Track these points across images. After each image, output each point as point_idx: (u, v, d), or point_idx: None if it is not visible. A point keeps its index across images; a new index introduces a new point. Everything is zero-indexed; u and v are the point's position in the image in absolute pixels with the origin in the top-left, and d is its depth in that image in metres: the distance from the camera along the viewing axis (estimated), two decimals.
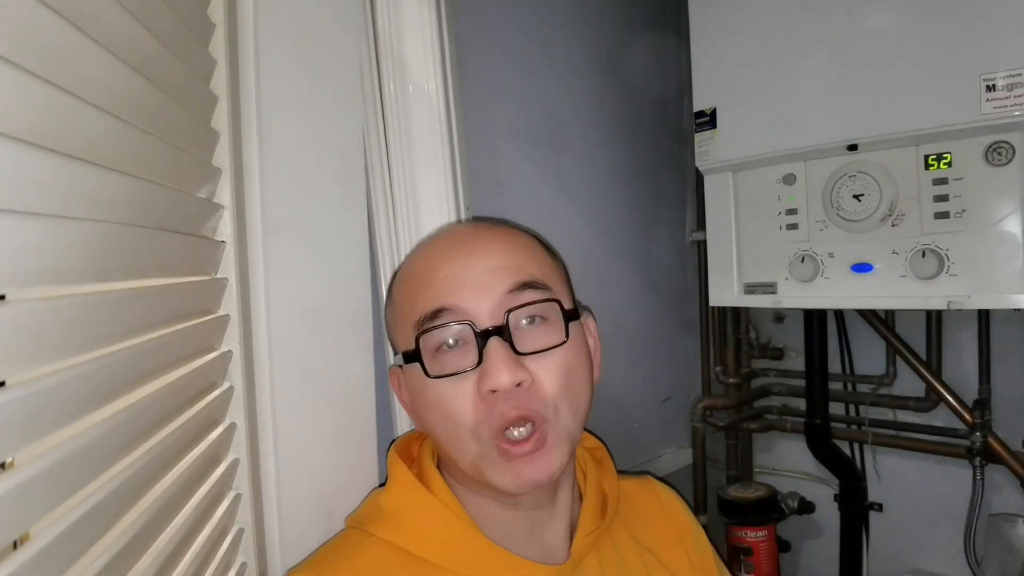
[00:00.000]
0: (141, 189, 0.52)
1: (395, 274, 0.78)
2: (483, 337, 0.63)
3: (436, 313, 0.64)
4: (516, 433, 0.62)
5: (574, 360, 0.66)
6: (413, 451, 0.76)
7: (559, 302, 0.67)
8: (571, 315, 0.67)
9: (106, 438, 0.47)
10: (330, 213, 0.79)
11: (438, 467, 0.72)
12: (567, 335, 0.66)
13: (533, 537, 0.70)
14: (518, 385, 0.62)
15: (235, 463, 0.68)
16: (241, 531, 0.69)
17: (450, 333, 0.64)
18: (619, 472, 0.82)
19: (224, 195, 0.68)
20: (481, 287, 0.64)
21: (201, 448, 0.62)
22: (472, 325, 0.63)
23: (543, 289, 0.66)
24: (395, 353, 0.75)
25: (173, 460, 0.57)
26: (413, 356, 0.65)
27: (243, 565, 0.69)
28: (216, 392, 0.66)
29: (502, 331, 0.63)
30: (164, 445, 0.55)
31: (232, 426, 0.68)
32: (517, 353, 0.63)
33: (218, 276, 0.67)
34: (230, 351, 0.68)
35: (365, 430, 0.83)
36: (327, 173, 0.79)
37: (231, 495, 0.68)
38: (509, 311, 0.63)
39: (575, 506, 0.75)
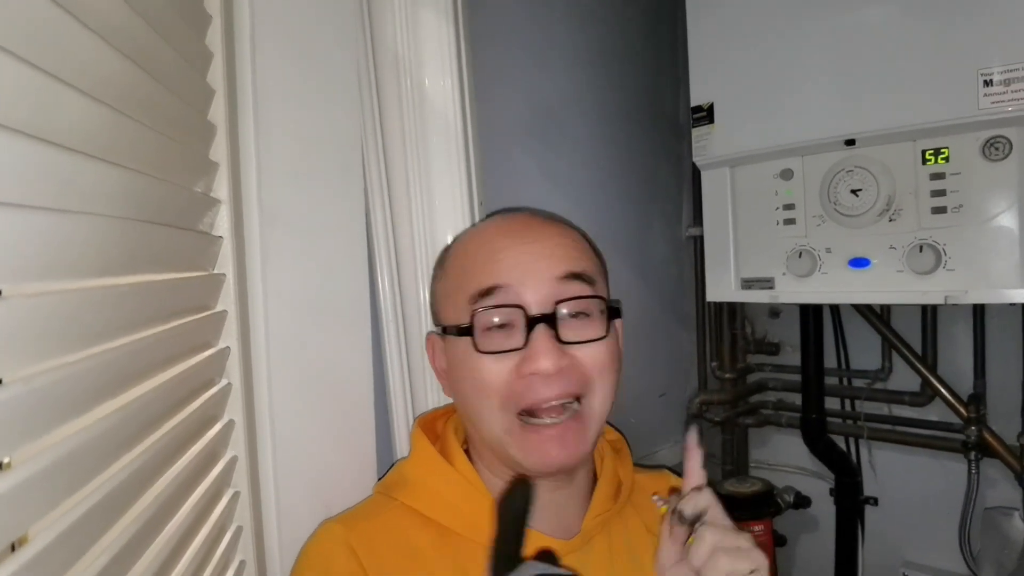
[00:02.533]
0: (138, 183, 0.51)
1: (446, 250, 0.81)
2: (531, 322, 0.66)
3: (491, 290, 0.68)
4: (548, 419, 0.66)
5: (611, 354, 0.71)
6: (438, 427, 0.80)
7: (604, 299, 0.71)
8: (613, 313, 0.72)
9: (104, 436, 0.46)
10: (328, 207, 0.79)
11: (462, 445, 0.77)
12: (607, 330, 0.70)
13: (549, 513, 0.73)
14: (559, 370, 0.66)
15: (233, 460, 0.68)
16: (240, 529, 0.68)
17: (501, 314, 0.68)
18: (636, 465, 0.85)
19: (221, 189, 0.68)
20: (535, 271, 0.68)
21: (199, 446, 0.61)
22: (523, 309, 0.67)
23: (590, 283, 0.70)
24: (436, 323, 0.79)
25: (171, 458, 0.57)
26: (465, 330, 0.69)
27: (242, 563, 0.68)
28: (214, 389, 0.65)
29: (549, 319, 0.66)
30: (162, 443, 0.54)
31: (230, 423, 0.68)
32: (560, 342, 0.66)
33: (215, 272, 0.67)
34: (228, 347, 0.68)
35: (363, 425, 0.83)
36: (324, 167, 0.79)
37: (229, 492, 0.67)
38: (558, 302, 0.67)
39: (591, 489, 0.78)
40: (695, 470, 0.65)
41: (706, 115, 1.23)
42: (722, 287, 1.27)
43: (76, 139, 0.42)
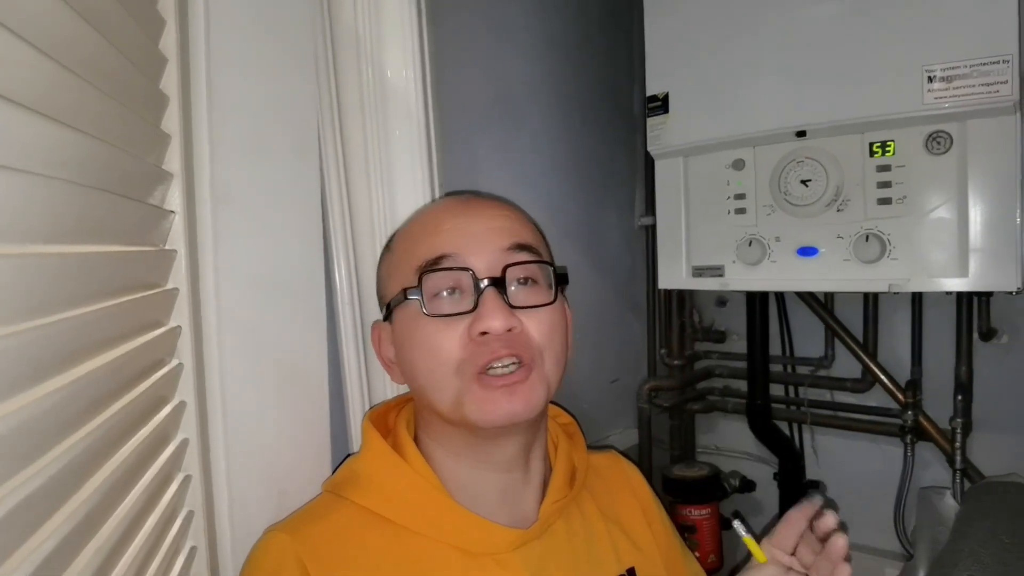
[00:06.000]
0: (89, 147, 0.48)
1: (394, 234, 0.81)
2: (480, 286, 0.67)
3: (439, 259, 0.68)
4: (501, 369, 0.66)
5: (559, 320, 0.72)
6: (389, 421, 0.79)
7: (551, 266, 0.73)
8: (560, 280, 0.73)
9: (47, 416, 0.44)
10: (282, 185, 0.77)
11: (414, 437, 0.76)
12: (555, 297, 0.71)
13: (505, 502, 0.73)
14: (509, 331, 0.66)
15: (184, 443, 0.65)
16: (191, 514, 0.66)
17: (450, 278, 0.68)
18: (587, 448, 0.85)
19: (173, 163, 0.65)
20: (482, 241, 0.69)
21: (149, 428, 0.59)
22: (472, 272, 0.67)
23: (536, 253, 0.71)
24: (381, 309, 0.78)
25: (119, 441, 0.54)
26: (413, 294, 0.68)
27: (193, 549, 0.66)
28: (164, 369, 0.63)
29: (498, 282, 0.67)
30: (110, 425, 0.52)
31: (181, 405, 0.65)
32: (510, 306, 0.67)
33: (167, 247, 0.64)
34: (179, 327, 0.65)
35: (317, 407, 0.81)
36: (279, 144, 0.76)
37: (180, 477, 0.65)
38: (507, 266, 0.68)
39: (547, 476, 0.77)
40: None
41: (661, 105, 1.25)
42: (673, 275, 1.29)
43: (24, 94, 0.40)
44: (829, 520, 0.72)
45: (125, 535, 0.53)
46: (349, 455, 0.80)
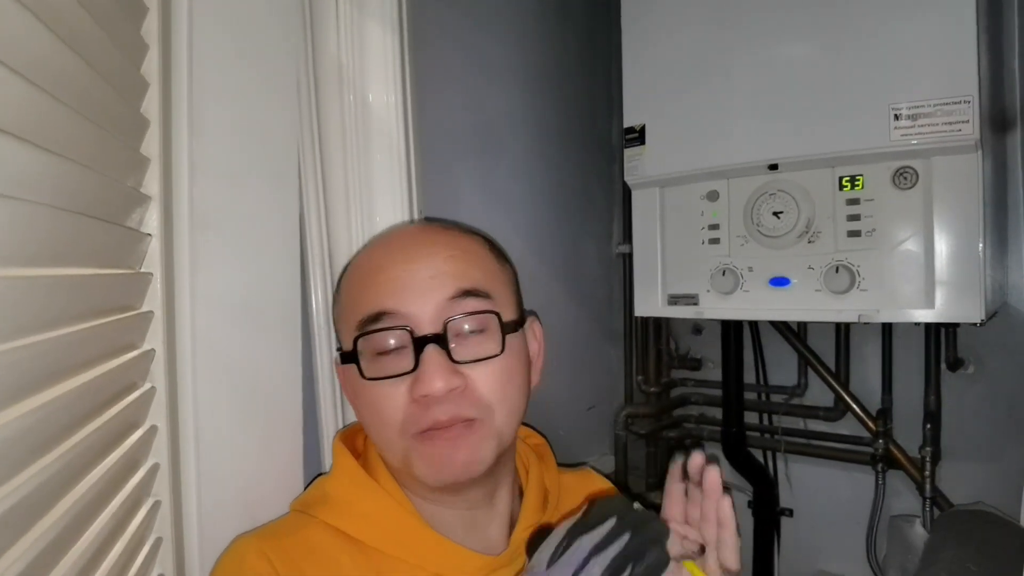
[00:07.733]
0: (66, 170, 0.49)
1: (346, 268, 0.78)
2: (420, 343, 0.63)
3: (377, 316, 0.65)
4: (444, 430, 0.64)
5: (510, 368, 0.68)
6: (358, 444, 0.78)
7: (498, 314, 0.67)
8: (509, 327, 0.68)
9: (15, 441, 0.44)
10: (261, 210, 0.77)
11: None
12: (503, 347, 0.67)
13: (473, 531, 0.72)
14: (451, 391, 0.63)
15: (155, 468, 0.65)
16: (159, 540, 0.65)
17: (388, 338, 0.65)
18: (560, 466, 0.85)
19: (152, 186, 0.65)
20: (423, 292, 0.65)
21: (119, 452, 0.58)
22: (410, 331, 0.64)
23: (485, 298, 0.67)
24: (338, 345, 0.76)
25: (89, 465, 0.54)
26: (351, 357, 0.66)
27: None
28: (136, 393, 0.62)
29: (440, 339, 0.64)
30: (79, 449, 0.51)
31: (152, 429, 0.65)
32: (453, 361, 0.64)
33: (143, 270, 0.64)
34: (152, 350, 0.65)
35: (291, 433, 0.81)
36: (259, 169, 0.77)
37: (149, 502, 0.64)
38: (448, 320, 0.64)
39: (515, 502, 0.77)
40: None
41: (638, 136, 1.27)
42: (650, 303, 1.31)
43: (4, 117, 0.40)
44: (705, 467, 0.63)
45: (92, 561, 0.53)
46: (319, 475, 0.79)
